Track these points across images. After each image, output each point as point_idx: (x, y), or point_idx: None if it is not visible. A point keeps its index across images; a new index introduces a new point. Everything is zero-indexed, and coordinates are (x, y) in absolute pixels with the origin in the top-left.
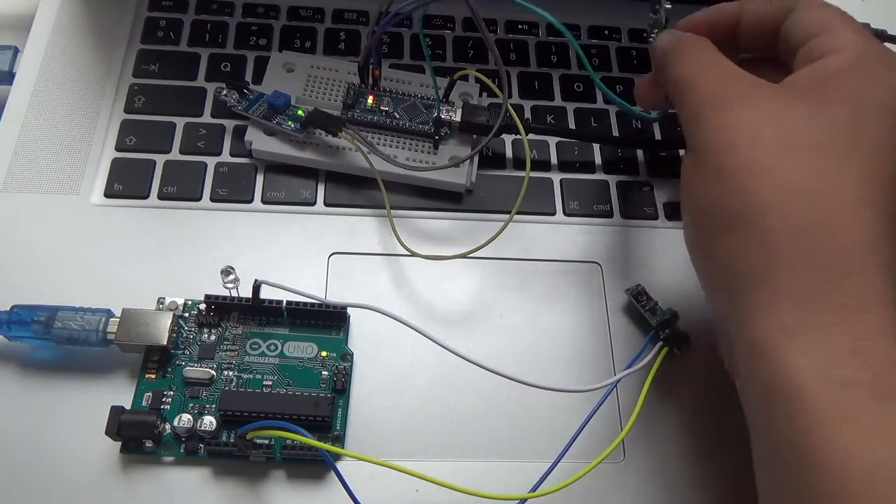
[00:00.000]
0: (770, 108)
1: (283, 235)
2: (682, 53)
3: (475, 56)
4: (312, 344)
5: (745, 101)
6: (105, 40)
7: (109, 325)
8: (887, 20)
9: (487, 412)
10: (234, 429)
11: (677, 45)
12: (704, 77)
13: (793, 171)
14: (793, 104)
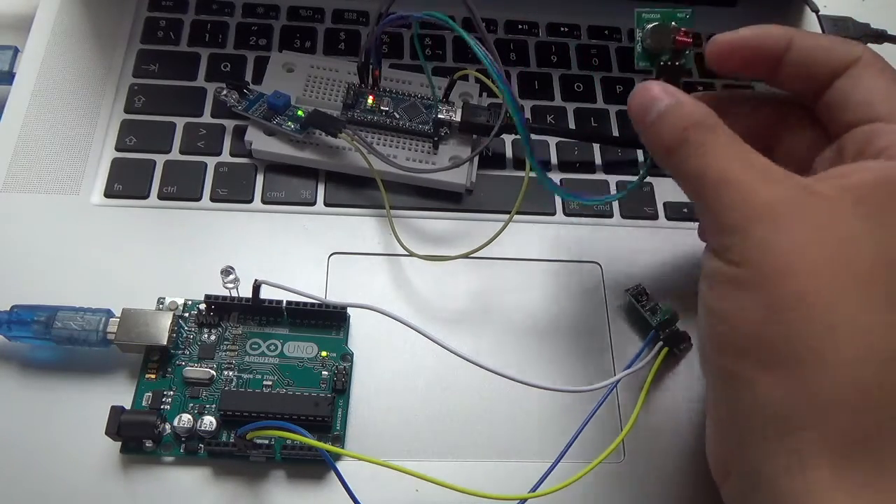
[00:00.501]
0: (835, 228)
1: (283, 235)
2: (709, 143)
3: (475, 56)
4: (312, 344)
5: (803, 215)
6: (105, 40)
7: (109, 325)
8: (887, 20)
9: (487, 412)
10: (234, 429)
11: (699, 130)
12: (746, 180)
13: (858, 308)
14: (859, 222)
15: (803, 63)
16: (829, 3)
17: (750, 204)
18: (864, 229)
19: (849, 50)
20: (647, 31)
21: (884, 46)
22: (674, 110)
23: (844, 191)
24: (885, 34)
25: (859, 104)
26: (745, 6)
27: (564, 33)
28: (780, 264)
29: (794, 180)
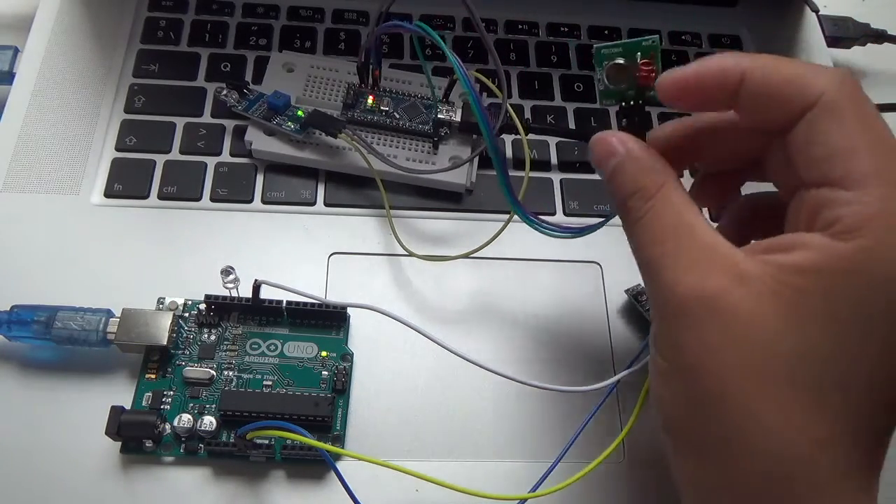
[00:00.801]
0: (752, 329)
1: (283, 235)
2: (645, 217)
3: (475, 56)
4: (312, 344)
5: (719, 316)
6: (105, 40)
7: (109, 325)
8: (887, 20)
9: (487, 412)
10: (234, 429)
11: (639, 199)
12: (672, 267)
13: (771, 408)
14: (782, 321)
15: (756, 103)
16: (829, 3)
17: (669, 297)
18: (788, 326)
19: (807, 88)
20: (605, 70)
21: (884, 46)
22: (622, 169)
23: (777, 277)
24: (885, 34)
25: (813, 161)
26: (745, 6)
27: (564, 33)
28: (692, 363)
29: (723, 266)
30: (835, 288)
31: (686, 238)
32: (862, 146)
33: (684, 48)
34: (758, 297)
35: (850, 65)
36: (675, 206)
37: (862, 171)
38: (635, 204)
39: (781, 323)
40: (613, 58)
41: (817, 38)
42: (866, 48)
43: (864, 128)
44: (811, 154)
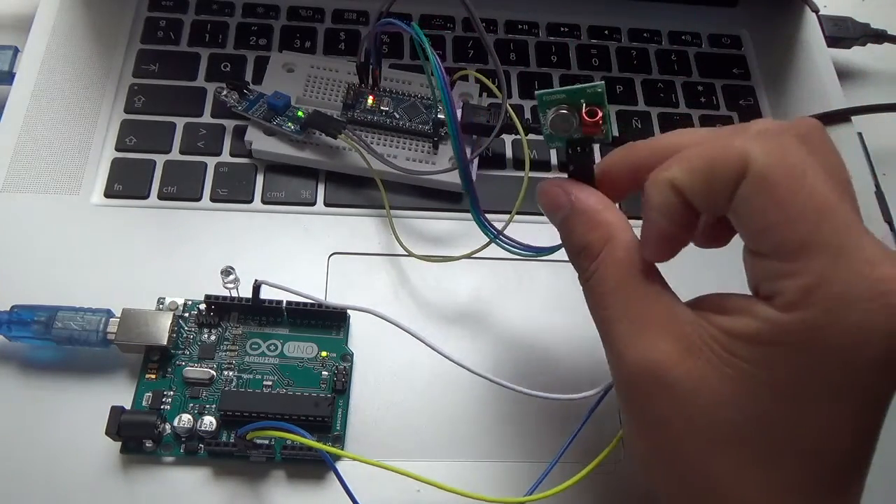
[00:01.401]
0: (700, 398)
1: (283, 235)
2: (595, 277)
3: (475, 56)
4: (312, 344)
5: (666, 388)
6: (105, 40)
7: (109, 325)
8: (887, 20)
9: (486, 413)
10: (234, 429)
11: (586, 258)
12: (621, 335)
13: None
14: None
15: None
16: (829, 3)
17: (619, 364)
18: (736, 397)
19: (731, 164)
20: (549, 118)
21: (884, 46)
22: (568, 224)
23: (726, 346)
24: (885, 34)
25: (750, 233)
26: (745, 6)
27: (564, 33)
28: (648, 426)
29: (670, 334)
30: (781, 360)
31: (633, 302)
32: (794, 216)
33: (684, 48)
34: (706, 369)
35: (850, 65)
36: (622, 267)
37: (797, 242)
38: (582, 263)
39: (729, 394)
40: (556, 105)
41: (817, 38)
42: (866, 48)
43: (793, 191)
44: (748, 226)
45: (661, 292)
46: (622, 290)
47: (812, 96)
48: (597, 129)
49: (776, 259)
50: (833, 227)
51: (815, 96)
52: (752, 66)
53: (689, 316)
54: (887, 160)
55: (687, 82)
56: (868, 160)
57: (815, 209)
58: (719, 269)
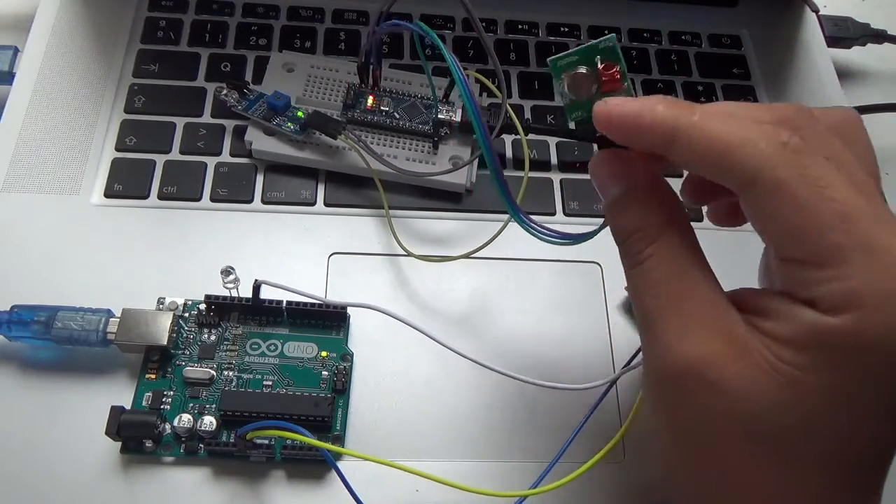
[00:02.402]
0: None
1: (283, 235)
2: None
3: (475, 56)
4: (312, 344)
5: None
6: (105, 40)
7: (109, 325)
8: (887, 20)
9: (487, 412)
10: (234, 429)
11: (639, 241)
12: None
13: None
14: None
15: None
16: (829, 3)
17: (664, 358)
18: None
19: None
20: (565, 82)
21: (884, 46)
22: (625, 201)
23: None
24: (885, 34)
25: (770, 237)
26: (745, 6)
27: (564, 33)
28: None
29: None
30: (831, 365)
31: (687, 294)
32: (818, 220)
33: (684, 48)
34: (756, 372)
35: (850, 65)
36: (679, 255)
37: (831, 248)
38: (635, 245)
39: (779, 399)
40: (572, 67)
41: (817, 38)
42: (866, 48)
43: (816, 197)
44: (767, 229)
45: (715, 290)
46: (676, 281)
47: (812, 96)
48: (618, 84)
49: (811, 267)
50: (863, 228)
51: (815, 96)
52: (752, 66)
53: (739, 318)
54: (887, 160)
55: (687, 82)
56: None
57: (840, 216)
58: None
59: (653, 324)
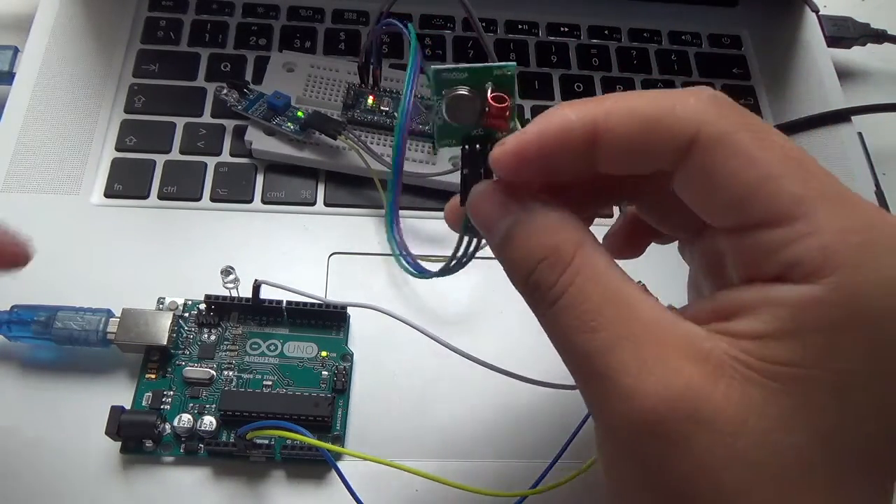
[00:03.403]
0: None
1: (283, 235)
2: (575, 289)
3: (475, 56)
4: (312, 344)
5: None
6: (105, 40)
7: (109, 325)
8: (887, 20)
9: (487, 411)
10: (234, 429)
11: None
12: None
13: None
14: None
15: (619, 159)
16: (829, 3)
17: (627, 411)
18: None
19: (676, 126)
20: (445, 101)
21: (884, 46)
22: (521, 231)
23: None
24: (885, 34)
25: (723, 207)
26: (745, 6)
27: (564, 33)
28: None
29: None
30: (830, 346)
31: (632, 318)
32: (777, 170)
33: (684, 48)
34: (745, 389)
35: (850, 65)
36: (606, 273)
37: (793, 197)
38: (546, 279)
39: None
40: (456, 86)
41: (817, 38)
42: (866, 48)
43: (765, 148)
44: (716, 199)
45: (655, 302)
46: (614, 305)
47: (812, 96)
48: (503, 123)
49: (773, 227)
50: (823, 178)
51: (815, 96)
52: (752, 66)
53: (696, 328)
54: (887, 160)
55: (687, 82)
56: (868, 160)
57: (797, 162)
58: None
59: (599, 369)
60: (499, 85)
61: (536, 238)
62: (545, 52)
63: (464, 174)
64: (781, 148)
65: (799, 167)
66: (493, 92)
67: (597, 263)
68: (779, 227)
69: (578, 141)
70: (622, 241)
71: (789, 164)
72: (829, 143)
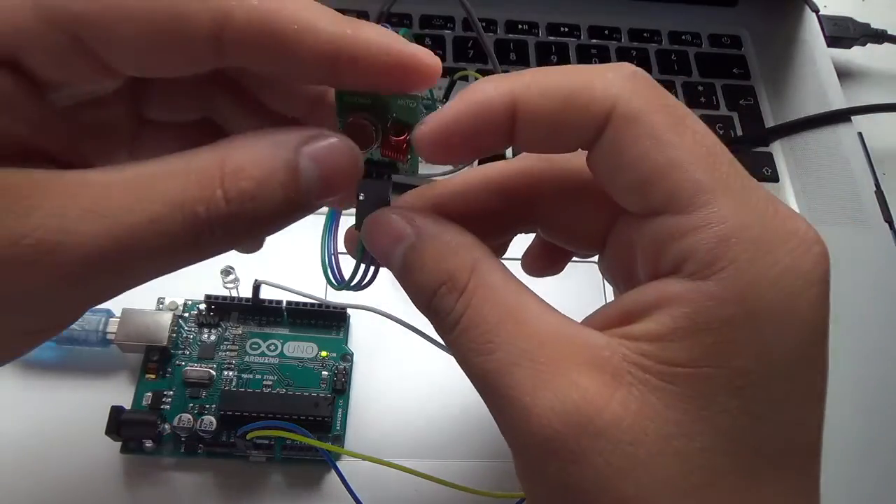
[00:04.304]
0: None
1: (283, 235)
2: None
3: (475, 56)
4: (312, 344)
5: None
6: None
7: (109, 324)
8: (887, 20)
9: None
10: (234, 429)
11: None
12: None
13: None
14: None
15: (537, 134)
16: (829, 3)
17: (526, 430)
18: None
19: (593, 102)
20: (345, 126)
21: (884, 46)
22: (417, 257)
23: (652, 355)
24: (885, 34)
25: (628, 188)
26: (745, 6)
27: (564, 33)
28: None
29: (584, 364)
30: (726, 345)
31: (527, 334)
32: (685, 156)
33: (684, 48)
34: (643, 395)
35: (850, 65)
36: (501, 293)
37: (696, 185)
38: (444, 303)
39: (683, 416)
40: (357, 110)
41: (817, 38)
42: (866, 48)
43: (678, 132)
44: (624, 179)
45: (553, 314)
46: (510, 324)
47: (812, 96)
48: (399, 155)
49: (673, 213)
50: (730, 169)
51: (815, 96)
52: (752, 66)
53: (596, 336)
54: (887, 160)
55: (687, 82)
56: (868, 160)
57: (707, 150)
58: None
59: (498, 389)
60: (401, 116)
61: (432, 264)
62: (545, 52)
63: (360, 200)
64: (694, 134)
65: (708, 155)
66: (394, 124)
67: (493, 283)
68: (679, 214)
69: (498, 115)
70: (539, 259)
71: (698, 152)
72: (829, 143)
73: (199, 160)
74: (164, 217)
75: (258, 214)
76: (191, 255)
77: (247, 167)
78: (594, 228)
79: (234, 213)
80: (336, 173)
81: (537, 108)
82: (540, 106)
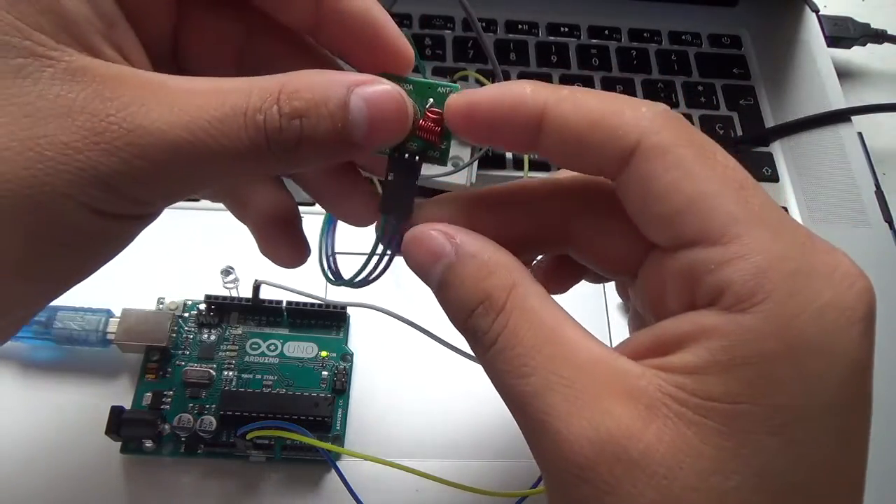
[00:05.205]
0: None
1: None
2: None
3: (475, 56)
4: (312, 344)
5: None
6: None
7: (109, 325)
8: (887, 20)
9: (487, 411)
10: (234, 429)
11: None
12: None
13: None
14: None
15: (562, 147)
16: (829, 3)
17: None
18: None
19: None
20: None
21: (884, 46)
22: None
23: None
24: (885, 34)
25: (659, 220)
26: (745, 6)
27: (564, 33)
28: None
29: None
30: (765, 380)
31: (564, 360)
32: (717, 188)
33: (684, 48)
34: (679, 428)
35: (850, 65)
36: (538, 316)
37: (730, 216)
38: (481, 323)
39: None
40: None
41: (817, 38)
42: (866, 48)
43: (708, 165)
44: (653, 210)
45: (591, 339)
46: (547, 348)
47: (812, 96)
48: (434, 137)
49: (707, 245)
50: (763, 202)
51: (815, 96)
52: (752, 66)
53: (631, 365)
54: (887, 160)
55: (687, 82)
56: (868, 160)
57: (739, 183)
58: None
59: (534, 411)
60: (438, 102)
61: (470, 284)
62: (545, 52)
63: (388, 179)
64: (724, 167)
65: (740, 188)
66: (432, 107)
67: (531, 306)
68: (712, 246)
69: (525, 114)
70: (548, 278)
71: (729, 184)
72: (829, 143)
73: (263, 80)
74: (229, 119)
75: (305, 135)
76: (248, 162)
77: (302, 90)
78: (630, 256)
79: (285, 128)
80: (383, 116)
81: (566, 121)
82: (568, 120)
